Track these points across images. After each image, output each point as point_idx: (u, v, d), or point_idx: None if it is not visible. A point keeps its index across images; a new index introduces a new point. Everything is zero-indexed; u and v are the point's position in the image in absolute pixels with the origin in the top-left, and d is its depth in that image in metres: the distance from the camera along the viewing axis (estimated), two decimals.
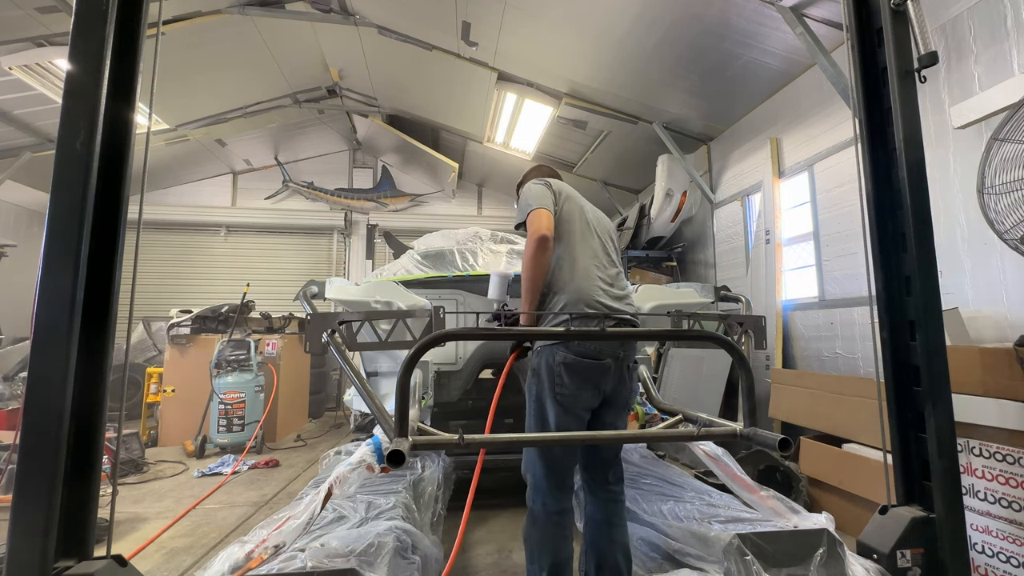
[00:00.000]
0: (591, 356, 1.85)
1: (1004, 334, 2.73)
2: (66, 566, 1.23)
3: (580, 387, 1.86)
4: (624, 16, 4.36)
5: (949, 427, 1.67)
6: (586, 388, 1.88)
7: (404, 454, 1.26)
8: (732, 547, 1.67)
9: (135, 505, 3.59)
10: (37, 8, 4.44)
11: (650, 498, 2.62)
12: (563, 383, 1.85)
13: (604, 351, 1.87)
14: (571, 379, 1.85)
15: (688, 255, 6.60)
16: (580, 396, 1.88)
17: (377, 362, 3.11)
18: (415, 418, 2.01)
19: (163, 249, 8.65)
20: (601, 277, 1.98)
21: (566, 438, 1.66)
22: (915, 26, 1.71)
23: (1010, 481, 2.21)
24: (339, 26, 5.82)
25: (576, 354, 1.84)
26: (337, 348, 2.05)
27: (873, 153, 1.87)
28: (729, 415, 4.65)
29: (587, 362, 1.85)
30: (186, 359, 5.59)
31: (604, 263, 2.04)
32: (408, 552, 2.02)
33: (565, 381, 1.85)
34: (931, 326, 1.71)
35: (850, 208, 3.87)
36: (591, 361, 1.85)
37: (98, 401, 1.33)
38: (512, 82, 5.95)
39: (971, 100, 2.84)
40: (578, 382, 1.86)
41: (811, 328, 4.29)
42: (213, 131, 7.46)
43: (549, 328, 1.91)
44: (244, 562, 1.66)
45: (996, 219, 2.34)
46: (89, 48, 1.35)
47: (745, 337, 2.47)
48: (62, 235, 1.29)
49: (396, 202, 9.32)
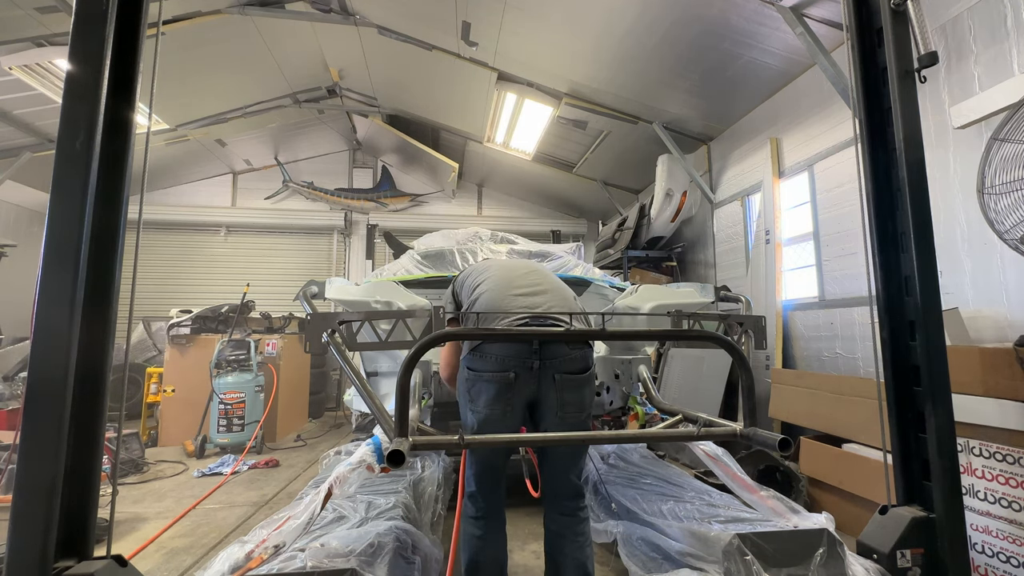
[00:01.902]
0: (492, 371, 1.82)
1: (1004, 334, 2.73)
2: (66, 566, 1.23)
3: (494, 400, 1.82)
4: (624, 16, 4.36)
5: (949, 427, 1.67)
6: (498, 401, 1.82)
7: (404, 454, 1.26)
8: (732, 547, 1.67)
9: (135, 505, 3.59)
10: (37, 8, 4.44)
11: (650, 498, 2.63)
12: (473, 399, 1.87)
13: (507, 362, 1.81)
14: (475, 394, 1.86)
15: (688, 255, 6.60)
16: (493, 409, 1.83)
17: (377, 362, 3.11)
18: (415, 418, 2.01)
19: (163, 249, 8.65)
20: (513, 291, 2.00)
21: (566, 438, 1.66)
22: (915, 26, 1.71)
23: (1010, 481, 2.21)
24: (339, 26, 5.82)
25: (474, 369, 1.86)
26: (337, 348, 2.04)
27: (873, 153, 1.87)
28: (729, 415, 4.66)
29: (487, 375, 1.82)
30: (186, 359, 5.59)
31: (516, 277, 2.07)
32: (408, 552, 2.02)
33: (473, 397, 1.86)
34: (931, 326, 1.70)
35: (850, 208, 3.87)
36: (494, 374, 1.82)
37: (98, 401, 1.33)
38: (512, 82, 5.95)
39: (971, 100, 2.84)
40: (487, 395, 1.83)
41: (811, 328, 4.29)
42: (213, 131, 7.46)
43: (549, 328, 1.90)
44: (244, 562, 1.66)
45: (996, 219, 2.34)
46: (89, 48, 1.35)
47: (745, 337, 2.46)
48: (62, 235, 1.28)
49: (396, 202, 9.32)
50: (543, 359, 1.83)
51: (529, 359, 1.82)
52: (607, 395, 3.14)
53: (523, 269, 2.19)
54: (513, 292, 2.00)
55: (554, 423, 1.86)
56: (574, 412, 1.87)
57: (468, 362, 1.89)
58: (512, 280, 2.06)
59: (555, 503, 1.97)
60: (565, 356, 1.86)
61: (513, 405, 1.83)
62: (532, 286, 2.04)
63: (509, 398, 1.82)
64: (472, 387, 1.87)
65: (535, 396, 1.87)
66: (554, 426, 1.86)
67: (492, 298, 1.98)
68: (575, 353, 1.88)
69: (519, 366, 1.81)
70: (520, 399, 1.85)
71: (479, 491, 1.93)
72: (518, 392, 1.83)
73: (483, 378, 1.84)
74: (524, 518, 3.13)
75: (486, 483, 1.93)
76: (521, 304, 1.95)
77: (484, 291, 2.02)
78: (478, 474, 1.93)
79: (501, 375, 1.81)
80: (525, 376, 1.82)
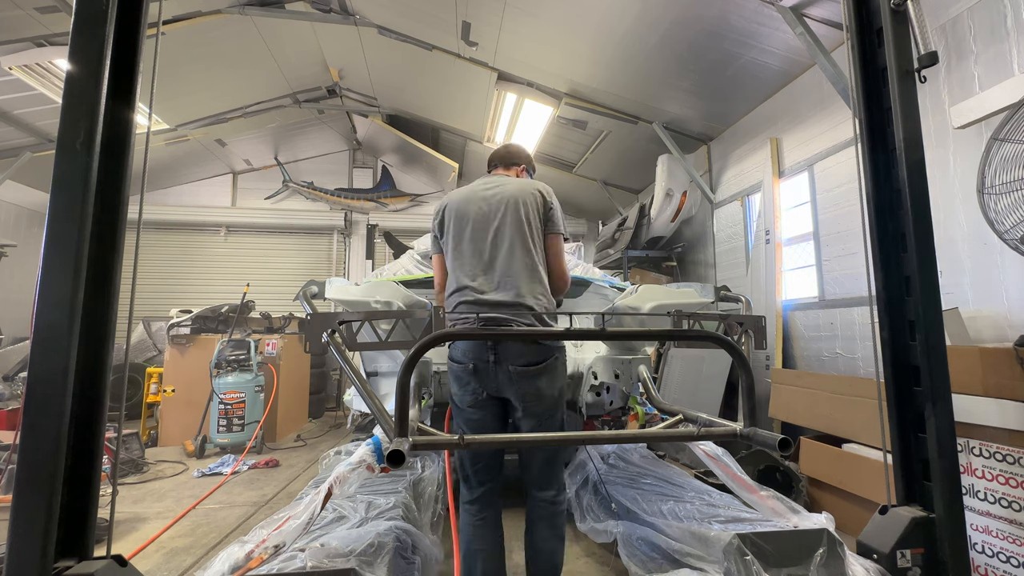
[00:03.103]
0: (456, 359, 2.01)
1: (1004, 334, 2.73)
2: (66, 566, 1.22)
3: (460, 388, 2.02)
4: (624, 16, 4.36)
5: (949, 427, 1.67)
6: (465, 390, 2.00)
7: (404, 454, 1.26)
8: (732, 547, 1.67)
9: (135, 505, 3.59)
10: (37, 8, 4.44)
11: (650, 498, 2.63)
12: (451, 383, 2.07)
13: (468, 354, 1.96)
14: (454, 380, 2.05)
15: (688, 255, 6.60)
16: (462, 396, 2.01)
17: (377, 362, 3.11)
18: (415, 418, 2.01)
19: (163, 249, 8.65)
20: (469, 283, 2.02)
21: (564, 438, 1.65)
22: (915, 26, 1.71)
23: (1010, 481, 2.21)
24: (339, 26, 5.82)
25: (451, 358, 2.04)
26: (337, 348, 2.04)
27: (873, 153, 1.87)
28: (729, 415, 4.66)
29: (454, 366, 2.02)
30: (186, 359, 5.59)
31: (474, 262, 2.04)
32: (408, 552, 2.03)
33: (451, 381, 2.07)
34: (931, 326, 1.70)
35: (850, 208, 3.87)
36: (457, 364, 2.00)
37: (98, 401, 1.32)
38: (512, 82, 5.95)
39: (971, 100, 2.84)
40: (458, 384, 2.03)
41: (811, 328, 4.29)
42: (213, 131, 7.46)
43: (548, 328, 1.91)
44: (244, 562, 1.66)
45: (996, 219, 2.34)
46: (89, 48, 1.35)
47: (745, 337, 2.46)
48: (62, 235, 1.28)
49: (396, 202, 9.32)
50: (499, 354, 1.92)
51: (486, 352, 1.93)
52: (607, 395, 3.15)
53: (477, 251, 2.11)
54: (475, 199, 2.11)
55: (531, 419, 1.97)
56: (534, 403, 1.95)
57: (449, 351, 2.09)
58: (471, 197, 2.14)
59: (530, 495, 2.04)
60: (514, 352, 1.93)
61: (479, 392, 1.98)
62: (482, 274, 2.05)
63: (472, 385, 1.98)
64: (449, 370, 2.08)
65: (499, 388, 1.97)
66: (522, 419, 1.98)
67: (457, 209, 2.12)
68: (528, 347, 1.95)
69: (477, 359, 1.95)
70: (482, 389, 1.98)
71: (465, 478, 2.02)
72: (480, 383, 1.97)
73: (452, 367, 2.05)
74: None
75: (482, 468, 2.00)
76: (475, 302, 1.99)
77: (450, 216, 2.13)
78: (464, 459, 2.02)
79: (464, 366, 1.98)
80: (485, 368, 1.95)
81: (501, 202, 2.05)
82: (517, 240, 2.01)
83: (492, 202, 2.06)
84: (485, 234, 2.02)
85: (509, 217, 2.02)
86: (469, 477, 2.00)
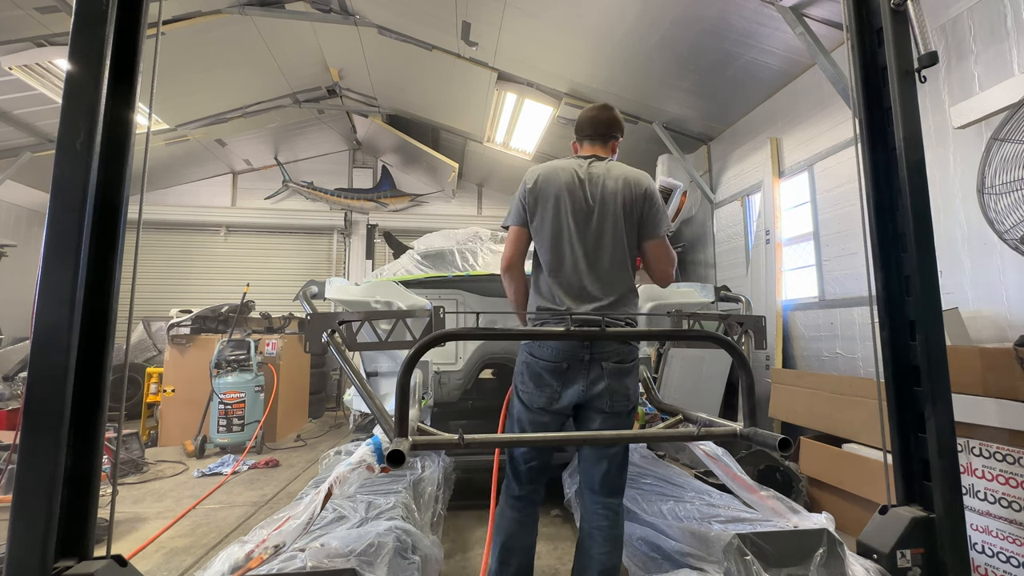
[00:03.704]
0: (545, 358, 1.87)
1: (1004, 334, 2.73)
2: (66, 566, 1.22)
3: (537, 387, 1.89)
4: (624, 16, 4.36)
5: (949, 427, 1.67)
6: (543, 389, 1.89)
7: (404, 454, 1.26)
8: (732, 547, 1.67)
9: (135, 505, 3.59)
10: (37, 8, 4.43)
11: (650, 498, 2.62)
12: (524, 381, 1.93)
13: (561, 353, 1.85)
14: (530, 378, 1.91)
15: (688, 255, 6.60)
16: (537, 397, 1.90)
17: (377, 362, 3.11)
18: (415, 418, 2.01)
19: (163, 249, 8.65)
20: (562, 280, 1.91)
21: (564, 439, 1.65)
22: (915, 26, 1.71)
23: (1010, 481, 2.21)
24: (339, 26, 5.81)
25: (534, 355, 1.89)
26: (337, 348, 2.04)
27: (873, 153, 1.87)
28: (729, 415, 4.66)
29: (542, 363, 1.88)
30: (186, 359, 5.59)
31: (575, 259, 1.91)
32: (408, 552, 2.02)
33: (526, 380, 1.92)
34: (931, 326, 1.70)
35: (850, 208, 3.87)
36: (545, 363, 1.87)
37: (98, 401, 1.32)
38: (512, 82, 5.95)
39: (971, 100, 2.84)
40: (536, 382, 1.90)
41: (811, 328, 4.29)
42: (213, 131, 7.46)
43: (544, 328, 1.90)
44: (244, 562, 1.66)
45: (996, 219, 2.34)
46: (89, 48, 1.35)
47: (745, 337, 2.46)
48: (62, 235, 1.28)
49: (396, 202, 9.32)
50: (593, 353, 1.86)
51: (582, 351, 1.85)
52: None
53: (576, 247, 1.94)
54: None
55: (603, 419, 1.89)
56: (622, 400, 1.90)
57: (528, 347, 1.94)
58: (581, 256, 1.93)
59: (589, 499, 1.96)
60: (609, 352, 1.87)
61: (560, 393, 1.88)
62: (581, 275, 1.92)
63: (555, 386, 1.88)
64: (528, 368, 1.92)
65: (585, 388, 1.87)
66: (598, 421, 1.90)
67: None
68: (621, 346, 1.91)
69: (570, 358, 1.85)
70: (566, 389, 1.88)
71: (515, 473, 1.96)
72: (567, 383, 1.87)
73: (538, 364, 1.89)
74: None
75: (535, 468, 1.95)
76: (568, 302, 1.89)
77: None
78: (513, 455, 1.96)
79: (555, 365, 1.86)
80: (576, 367, 1.86)
81: (607, 200, 1.91)
82: (618, 248, 1.92)
83: (596, 198, 1.91)
84: (585, 241, 1.90)
85: (610, 222, 1.91)
86: (520, 474, 1.95)
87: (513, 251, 2.01)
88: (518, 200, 1.99)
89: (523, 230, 1.99)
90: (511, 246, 2.01)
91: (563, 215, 1.91)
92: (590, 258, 1.91)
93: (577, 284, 1.90)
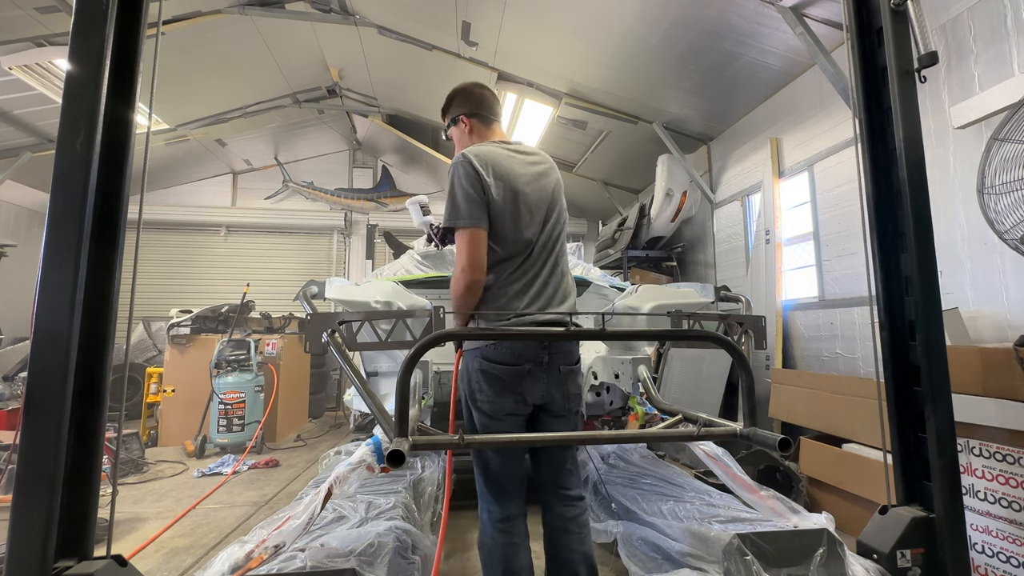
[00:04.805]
0: (506, 362, 1.74)
1: (1004, 334, 2.73)
2: (66, 566, 1.22)
3: (499, 394, 1.74)
4: (624, 16, 4.36)
5: (949, 427, 1.67)
6: (506, 395, 1.75)
7: (404, 454, 1.26)
8: (732, 547, 1.67)
9: (135, 505, 3.59)
10: (37, 8, 4.44)
11: (650, 498, 2.63)
12: (481, 389, 1.76)
13: (523, 355, 1.74)
14: (488, 385, 1.75)
15: (688, 255, 6.60)
16: (500, 404, 1.75)
17: (377, 362, 3.10)
18: (415, 418, 2.01)
19: (163, 249, 8.65)
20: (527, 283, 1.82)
21: (565, 438, 1.65)
22: (915, 26, 1.71)
23: (1010, 481, 2.21)
24: (339, 26, 5.82)
25: (491, 360, 1.74)
26: (337, 348, 2.04)
27: (873, 153, 1.87)
28: (729, 415, 4.66)
29: (501, 367, 1.74)
30: (186, 359, 5.59)
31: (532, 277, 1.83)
32: (408, 552, 2.02)
33: (484, 387, 1.76)
34: (931, 326, 1.70)
35: (850, 208, 3.87)
36: (506, 367, 1.73)
37: (98, 401, 1.32)
38: (512, 82, 5.96)
39: (971, 100, 2.84)
40: (496, 388, 1.74)
41: (811, 328, 4.29)
42: (213, 131, 7.47)
43: (541, 328, 1.86)
44: (244, 562, 1.66)
45: (996, 219, 2.34)
46: (89, 48, 1.35)
47: (745, 337, 2.46)
48: (62, 235, 1.28)
49: (396, 202, 9.32)
50: (552, 354, 1.80)
51: (542, 353, 1.77)
52: (607, 395, 3.14)
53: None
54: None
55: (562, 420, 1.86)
56: (576, 401, 1.89)
57: (481, 351, 1.77)
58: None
59: (555, 498, 1.88)
60: (565, 352, 1.85)
61: (523, 397, 1.78)
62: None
63: (518, 390, 1.76)
64: (484, 375, 1.77)
65: (545, 391, 1.80)
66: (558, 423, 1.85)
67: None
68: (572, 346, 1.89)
69: (532, 360, 1.76)
70: (529, 393, 1.78)
71: (498, 492, 1.79)
72: (529, 386, 1.77)
73: (498, 369, 1.75)
74: None
75: (499, 481, 1.80)
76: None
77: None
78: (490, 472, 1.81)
79: (518, 368, 1.75)
80: (537, 369, 1.77)
81: (553, 192, 1.91)
82: (563, 246, 1.92)
83: (546, 190, 1.88)
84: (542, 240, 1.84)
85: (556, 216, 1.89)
86: (505, 490, 1.78)
87: (479, 258, 1.72)
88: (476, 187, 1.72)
89: (483, 232, 1.74)
90: (477, 251, 1.72)
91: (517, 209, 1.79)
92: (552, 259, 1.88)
93: (541, 286, 1.84)
